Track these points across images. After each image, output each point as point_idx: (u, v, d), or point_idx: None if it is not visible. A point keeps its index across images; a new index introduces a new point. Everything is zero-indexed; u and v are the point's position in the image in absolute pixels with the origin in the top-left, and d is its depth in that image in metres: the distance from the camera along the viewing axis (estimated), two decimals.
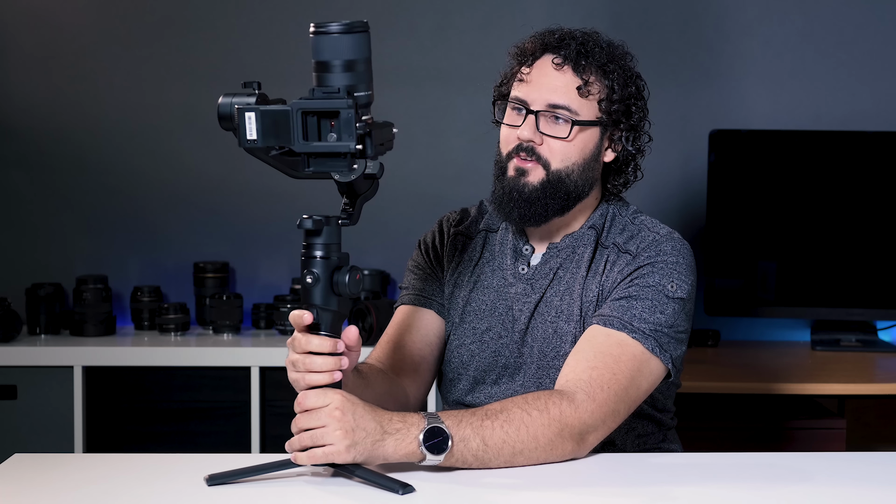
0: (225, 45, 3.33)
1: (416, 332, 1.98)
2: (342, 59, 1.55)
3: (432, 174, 3.35)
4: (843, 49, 3.33)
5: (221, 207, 3.36)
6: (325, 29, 1.56)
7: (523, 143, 1.88)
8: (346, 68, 1.56)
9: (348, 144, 1.54)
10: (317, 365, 1.61)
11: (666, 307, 1.82)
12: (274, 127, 1.55)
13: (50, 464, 1.73)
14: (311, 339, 1.61)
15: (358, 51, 1.56)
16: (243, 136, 1.57)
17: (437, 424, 1.63)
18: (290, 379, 1.65)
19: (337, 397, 1.60)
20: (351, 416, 1.59)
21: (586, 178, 1.91)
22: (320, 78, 1.57)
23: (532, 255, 1.96)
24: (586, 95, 1.88)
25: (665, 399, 1.97)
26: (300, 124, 1.55)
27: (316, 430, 1.59)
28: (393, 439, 1.61)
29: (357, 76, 1.56)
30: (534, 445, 1.69)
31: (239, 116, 1.56)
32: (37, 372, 2.98)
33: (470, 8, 3.33)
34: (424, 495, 1.57)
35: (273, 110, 1.55)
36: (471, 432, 1.65)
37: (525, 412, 1.69)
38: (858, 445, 3.19)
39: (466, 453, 1.65)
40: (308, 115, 1.55)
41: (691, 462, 1.78)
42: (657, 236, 1.90)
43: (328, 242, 1.61)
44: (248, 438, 2.97)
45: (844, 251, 3.20)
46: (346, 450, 1.58)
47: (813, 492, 1.60)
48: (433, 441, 1.62)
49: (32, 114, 3.34)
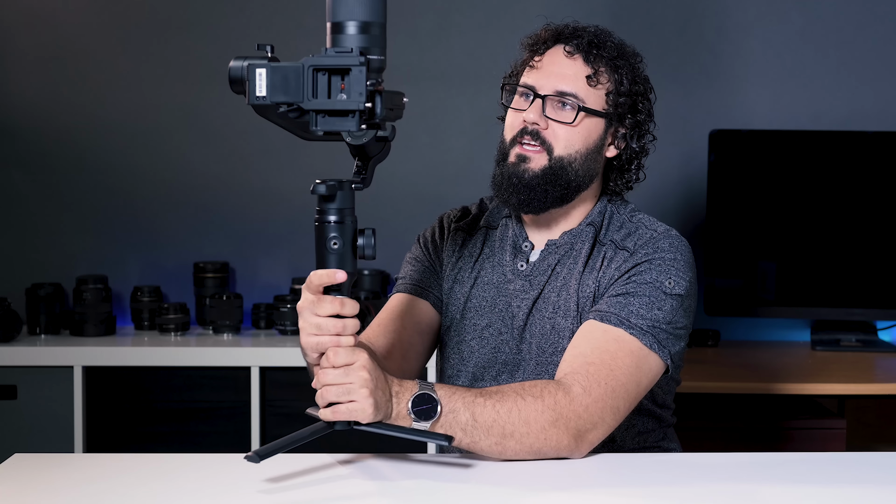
0: (225, 45, 3.33)
1: (408, 318, 1.98)
2: (357, 20, 1.55)
3: (432, 174, 3.35)
4: (843, 49, 3.33)
5: (221, 207, 3.36)
6: None
7: (528, 127, 1.88)
8: (360, 30, 1.55)
9: (358, 102, 1.52)
10: (349, 327, 1.61)
11: (664, 303, 1.82)
12: (284, 83, 1.53)
13: (50, 464, 1.73)
14: (346, 301, 1.60)
15: (373, 13, 1.56)
16: (252, 92, 1.54)
17: (427, 391, 1.65)
18: (306, 343, 1.63)
19: (364, 356, 1.60)
20: (374, 375, 1.60)
21: (588, 169, 1.91)
22: (334, 39, 1.56)
23: (531, 252, 1.96)
24: (595, 85, 1.89)
25: (665, 395, 1.97)
26: (311, 81, 1.53)
27: (342, 386, 1.59)
28: (396, 401, 1.64)
29: (371, 39, 1.56)
30: (525, 430, 1.68)
31: (249, 72, 1.54)
32: (37, 372, 2.98)
33: (470, 8, 3.33)
34: (423, 493, 1.57)
35: (283, 66, 1.53)
36: (462, 405, 1.66)
37: (519, 396, 1.70)
38: (858, 445, 3.19)
39: (455, 425, 1.66)
40: (319, 71, 1.53)
41: (691, 462, 1.78)
42: (654, 233, 1.90)
43: (343, 207, 1.60)
44: (248, 438, 2.97)
45: (844, 251, 3.20)
46: (370, 407, 1.59)
47: (813, 492, 1.60)
48: (421, 407, 1.64)
49: (32, 114, 3.34)
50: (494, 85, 2.02)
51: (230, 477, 1.63)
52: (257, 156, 3.30)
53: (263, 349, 2.99)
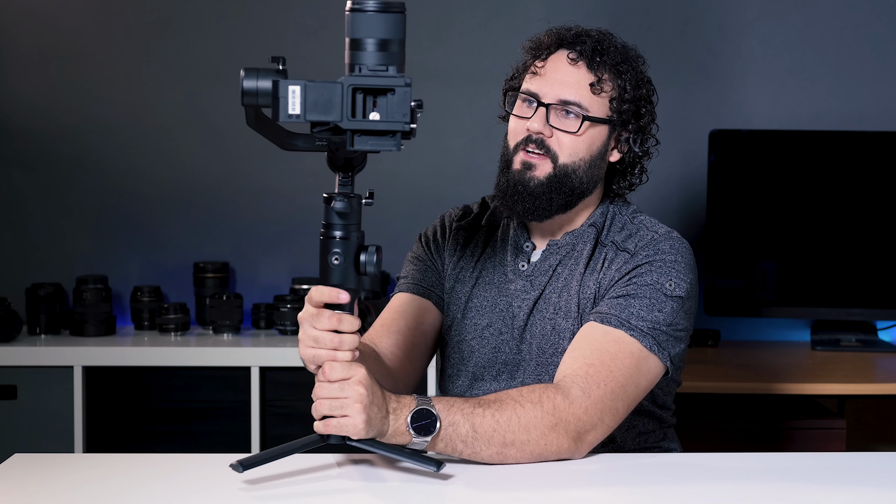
0: (225, 45, 3.33)
1: (411, 318, 1.97)
2: (398, 37, 1.53)
3: (432, 174, 3.35)
4: (843, 49, 3.33)
5: (221, 207, 3.36)
6: (382, 6, 1.52)
7: (532, 136, 1.88)
8: (381, 47, 1.53)
9: (404, 122, 1.50)
10: (346, 343, 1.60)
11: (664, 305, 1.82)
12: (321, 102, 1.49)
13: (50, 464, 1.73)
14: (344, 318, 1.60)
15: (395, 31, 1.53)
16: (283, 110, 1.50)
17: (425, 407, 1.64)
18: (304, 355, 1.63)
19: (361, 371, 1.60)
20: (370, 391, 1.60)
21: (591, 175, 1.91)
22: (354, 56, 1.52)
23: (532, 252, 1.96)
24: (598, 93, 1.89)
25: (665, 396, 1.97)
26: (350, 100, 1.50)
27: (335, 400, 1.59)
28: (393, 417, 1.63)
29: (390, 56, 1.53)
30: (525, 437, 1.68)
31: (280, 89, 1.49)
32: (37, 372, 2.98)
33: (470, 8, 3.33)
34: (424, 497, 1.57)
35: (320, 85, 1.49)
36: (461, 417, 1.66)
37: (518, 403, 1.69)
38: (858, 445, 3.19)
39: (455, 438, 1.65)
40: (357, 91, 1.51)
41: (691, 462, 1.78)
42: (655, 235, 1.90)
43: (349, 223, 1.59)
44: (248, 438, 2.97)
45: (844, 251, 3.20)
46: (362, 423, 1.59)
47: (813, 492, 1.60)
48: (420, 423, 1.63)
49: (32, 114, 3.34)
50: (494, 85, 2.01)
51: (230, 477, 1.63)
52: (257, 156, 3.30)
53: (263, 349, 2.99)
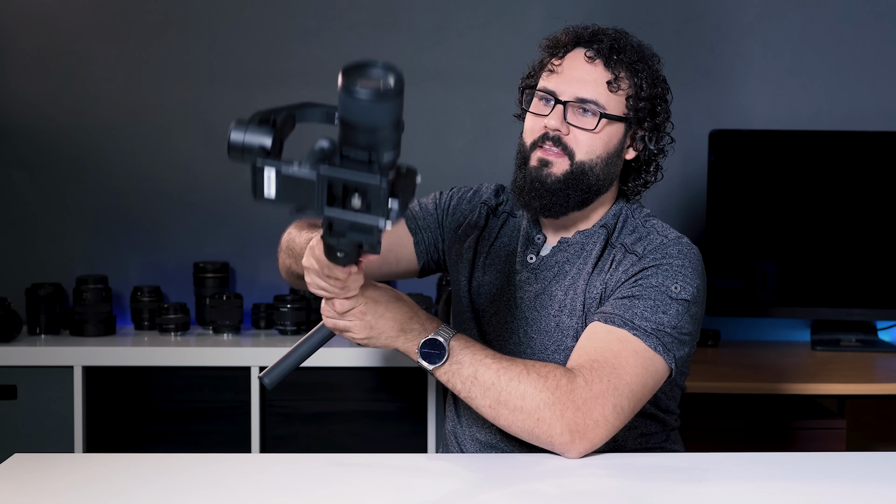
0: (225, 45, 3.33)
1: (389, 235, 2.03)
2: (369, 125, 1.34)
3: (432, 174, 3.33)
4: (843, 49, 3.33)
5: (221, 207, 3.36)
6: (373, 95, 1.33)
7: (550, 133, 1.89)
8: (387, 132, 1.37)
9: (378, 221, 1.39)
10: (351, 289, 1.69)
11: (669, 307, 1.82)
12: (294, 189, 1.41)
13: (50, 464, 1.73)
14: (352, 273, 1.66)
15: (383, 119, 1.35)
16: (259, 191, 1.43)
17: (439, 338, 1.73)
18: (308, 280, 1.72)
19: (361, 301, 1.71)
20: (372, 316, 1.71)
21: (608, 173, 1.92)
22: (348, 136, 1.37)
23: (543, 246, 1.97)
24: (615, 91, 1.90)
25: (668, 400, 1.97)
26: (324, 192, 1.40)
27: (339, 321, 1.72)
28: (405, 338, 1.73)
29: (382, 141, 1.37)
30: (520, 404, 1.71)
31: (257, 173, 1.41)
32: (37, 372, 2.98)
33: (470, 8, 3.33)
34: (420, 492, 1.57)
35: (294, 175, 1.40)
36: (469, 360, 1.73)
37: (526, 370, 1.73)
38: (858, 445, 3.19)
39: (455, 377, 1.73)
40: (333, 182, 1.40)
41: (692, 462, 1.78)
42: (665, 240, 1.90)
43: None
44: (248, 438, 2.97)
45: (844, 251, 3.20)
46: (363, 340, 1.74)
47: (813, 492, 1.60)
48: (427, 350, 1.73)
49: (32, 114, 3.34)
50: (494, 85, 2.02)
51: (230, 477, 1.63)
52: None
53: (263, 349, 2.99)
